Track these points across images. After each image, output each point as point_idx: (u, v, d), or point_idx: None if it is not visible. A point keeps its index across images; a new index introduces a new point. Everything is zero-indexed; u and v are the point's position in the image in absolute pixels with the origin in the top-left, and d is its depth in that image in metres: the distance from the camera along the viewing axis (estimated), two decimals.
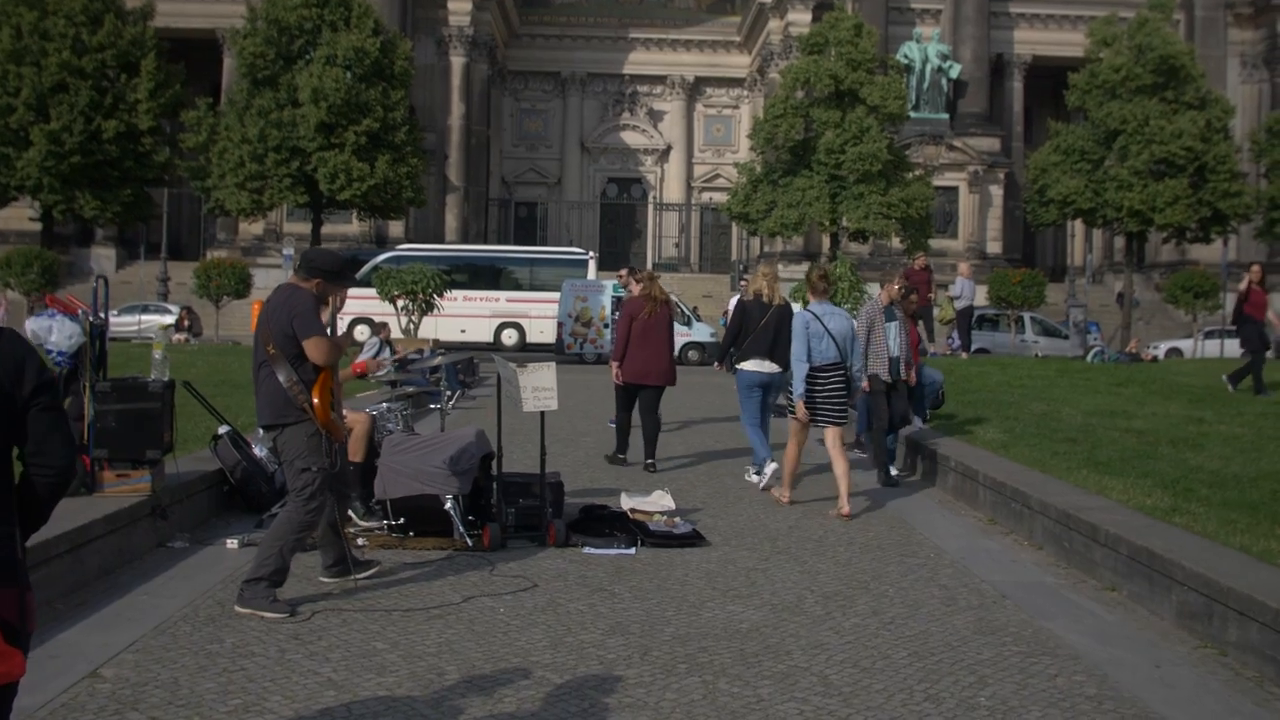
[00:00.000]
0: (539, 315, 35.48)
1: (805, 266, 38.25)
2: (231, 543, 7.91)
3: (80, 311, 7.79)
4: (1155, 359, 30.93)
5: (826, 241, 41.75)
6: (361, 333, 27.32)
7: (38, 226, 37.50)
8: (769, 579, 7.22)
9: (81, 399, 7.74)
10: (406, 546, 7.95)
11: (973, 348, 26.17)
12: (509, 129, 65.25)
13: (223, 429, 9.23)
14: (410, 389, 9.31)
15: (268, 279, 47.39)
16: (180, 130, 34.03)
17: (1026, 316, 36.56)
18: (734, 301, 16.22)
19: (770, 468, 10.53)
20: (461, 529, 7.93)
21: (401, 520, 8.12)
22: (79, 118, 32.73)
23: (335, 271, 6.66)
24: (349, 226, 48.10)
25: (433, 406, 10.54)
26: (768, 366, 11.02)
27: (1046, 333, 36.41)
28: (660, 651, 5.67)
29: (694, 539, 8.18)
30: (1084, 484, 8.92)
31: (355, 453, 8.54)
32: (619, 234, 65.47)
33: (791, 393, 10.03)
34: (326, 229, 45.61)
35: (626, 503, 8.69)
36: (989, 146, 54.61)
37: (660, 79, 64.60)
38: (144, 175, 34.56)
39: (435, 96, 55.24)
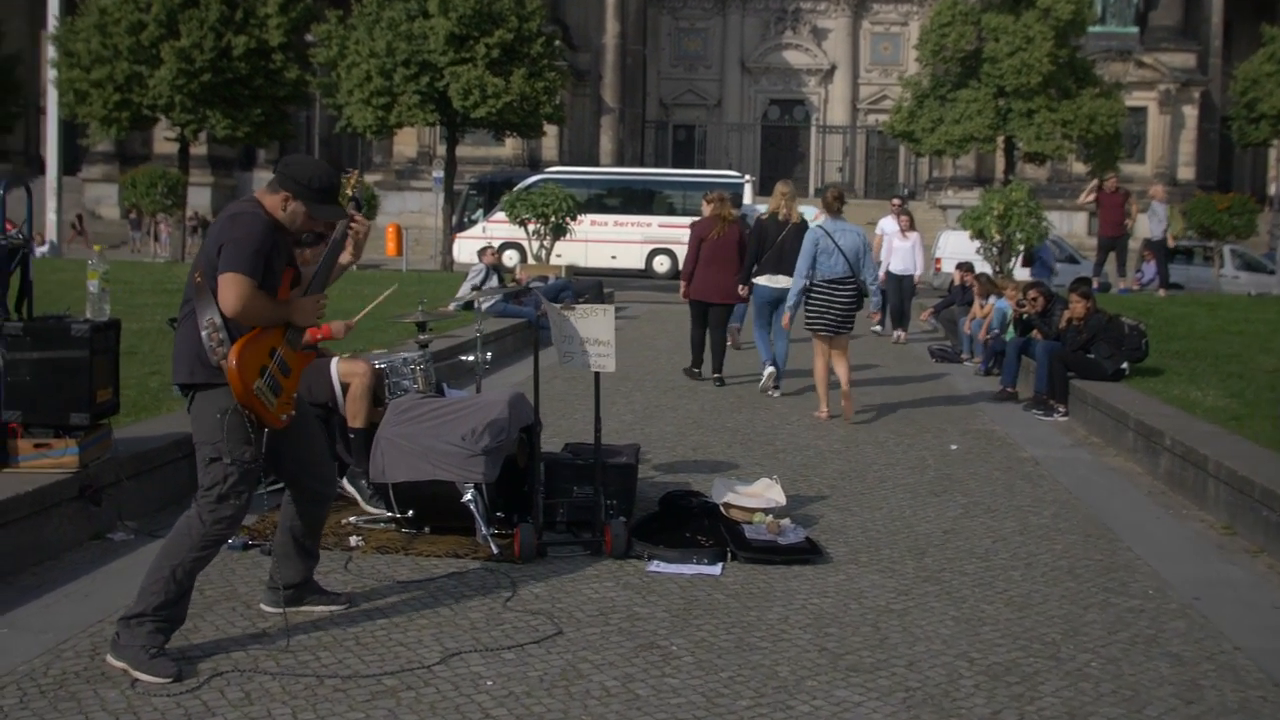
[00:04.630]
0: None
1: (976, 193, 35.16)
2: None
3: None
4: None
5: (1000, 164, 38.26)
6: (510, 258, 25.39)
7: (201, 150, 36.71)
8: (906, 631, 4.87)
9: None
10: (412, 550, 5.84)
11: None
12: (666, 49, 62.86)
13: None
14: (425, 339, 7.09)
15: (409, 203, 46.29)
16: (312, 46, 32.52)
17: (1226, 249, 32.69)
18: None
19: (768, 371, 11.18)
20: (485, 531, 5.80)
21: (411, 512, 6.03)
22: (209, 34, 31.47)
23: (315, 188, 4.37)
24: (501, 149, 46.45)
25: (464, 359, 8.38)
26: (779, 281, 11.00)
27: (1248, 267, 32.45)
28: None
29: (806, 553, 5.86)
30: None
31: (355, 416, 6.47)
32: (780, 157, 62.67)
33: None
34: (479, 152, 44.00)
35: (721, 493, 6.43)
36: (1183, 63, 49.92)
37: None
38: (275, 93, 33.20)
39: (589, 15, 53.07)
